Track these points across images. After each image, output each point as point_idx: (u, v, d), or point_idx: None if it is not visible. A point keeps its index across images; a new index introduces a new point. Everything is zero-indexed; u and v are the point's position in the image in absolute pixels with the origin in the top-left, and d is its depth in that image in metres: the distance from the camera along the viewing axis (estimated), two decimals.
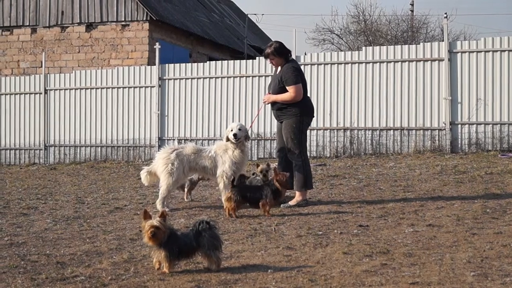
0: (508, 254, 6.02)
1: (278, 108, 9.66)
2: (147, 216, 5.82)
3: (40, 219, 9.34)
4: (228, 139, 9.46)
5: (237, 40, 33.29)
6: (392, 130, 16.37)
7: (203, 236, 5.82)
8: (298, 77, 9.48)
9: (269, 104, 9.96)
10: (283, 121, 9.64)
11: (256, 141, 17.34)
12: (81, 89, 19.65)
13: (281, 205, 9.27)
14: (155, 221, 5.76)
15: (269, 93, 9.82)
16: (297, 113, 9.46)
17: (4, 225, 8.90)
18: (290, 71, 9.49)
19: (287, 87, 9.45)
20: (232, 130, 9.45)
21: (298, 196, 9.47)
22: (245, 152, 9.66)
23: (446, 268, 5.64)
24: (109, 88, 19.33)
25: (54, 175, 16.22)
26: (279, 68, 9.71)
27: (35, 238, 7.86)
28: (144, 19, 24.43)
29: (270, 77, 17.02)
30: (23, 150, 20.33)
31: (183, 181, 10.03)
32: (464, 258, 5.91)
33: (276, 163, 10.15)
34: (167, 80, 18.63)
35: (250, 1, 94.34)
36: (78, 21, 25.23)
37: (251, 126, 12.81)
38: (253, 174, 10.17)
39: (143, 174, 9.89)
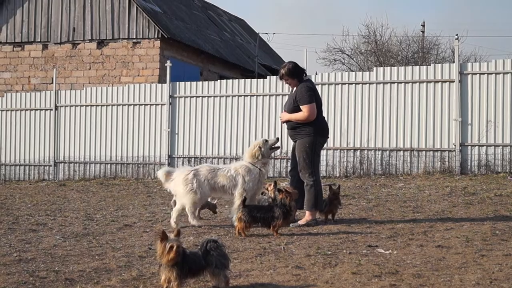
0: None
1: (292, 127, 9.68)
2: (165, 236, 5.80)
3: (49, 235, 9.36)
4: (262, 155, 9.53)
5: (248, 58, 33.38)
6: (402, 151, 16.36)
7: (211, 254, 5.82)
8: (312, 97, 9.49)
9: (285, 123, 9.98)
10: (296, 140, 9.66)
11: None
12: (91, 106, 19.72)
13: (291, 225, 9.26)
14: (176, 241, 5.75)
15: (285, 111, 9.84)
16: (310, 132, 9.47)
17: (13, 241, 8.92)
18: (304, 90, 9.51)
19: (300, 107, 9.46)
20: (266, 141, 9.68)
21: (308, 216, 9.46)
22: (268, 170, 9.92)
23: None
24: (119, 105, 19.40)
25: (63, 192, 16.25)
26: (295, 88, 9.73)
27: (44, 254, 7.87)
28: (156, 36, 24.52)
29: (280, 96, 17.22)
30: (32, 166, 20.38)
31: (206, 199, 10.02)
32: (473, 280, 5.90)
33: (285, 183, 10.18)
34: (177, 98, 18.68)
35: (261, 20, 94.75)
36: (90, 38, 25.35)
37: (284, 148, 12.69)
38: (262, 193, 10.19)
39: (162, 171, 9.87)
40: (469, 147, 15.83)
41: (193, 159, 18.24)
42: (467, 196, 11.99)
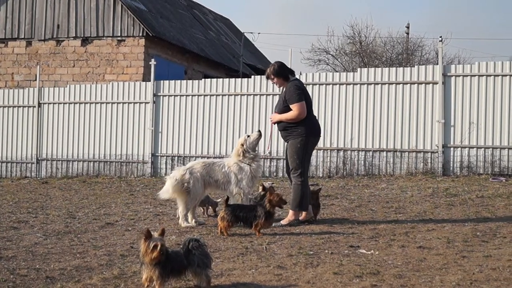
0: (497, 277, 6.04)
1: (284, 128, 9.64)
2: (149, 235, 5.79)
3: (31, 233, 9.32)
4: (245, 151, 9.65)
5: (233, 58, 33.38)
6: (385, 152, 16.41)
7: (193, 254, 5.82)
8: (301, 95, 9.46)
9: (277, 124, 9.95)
10: (289, 141, 9.64)
11: None
12: (75, 103, 19.64)
13: (273, 224, 9.28)
14: (160, 240, 5.74)
15: (276, 113, 9.82)
16: (302, 133, 9.44)
17: None
18: (292, 89, 9.50)
19: (290, 106, 9.45)
20: (248, 137, 9.83)
21: (290, 216, 9.46)
22: (260, 164, 9.98)
23: None
24: (103, 103, 19.33)
25: (45, 189, 16.18)
26: (285, 88, 9.73)
27: (25, 252, 7.83)
28: (140, 34, 24.46)
29: (265, 95, 17.26)
30: (15, 163, 20.27)
31: (202, 197, 10.03)
32: (453, 281, 5.93)
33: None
34: (161, 97, 18.64)
35: (246, 19, 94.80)
36: (74, 35, 25.25)
37: (269, 148, 12.63)
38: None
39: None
40: (452, 148, 15.90)
41: (176, 158, 18.21)
42: (449, 198, 12.04)
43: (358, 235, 8.50)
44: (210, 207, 10.67)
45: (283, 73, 9.70)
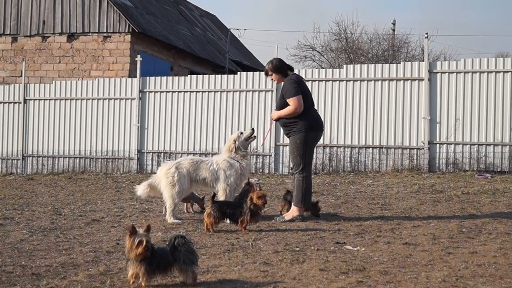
0: (483, 273, 6.07)
1: (284, 125, 9.64)
2: (134, 231, 5.78)
3: (16, 230, 9.28)
4: (237, 148, 9.68)
5: (219, 54, 33.34)
6: (371, 148, 16.45)
7: (179, 250, 5.81)
8: (298, 89, 9.42)
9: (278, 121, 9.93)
10: (290, 137, 9.64)
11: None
12: (61, 99, 19.56)
13: (277, 218, 9.34)
14: (145, 236, 5.74)
15: (275, 109, 9.82)
16: (302, 129, 9.42)
17: None
18: (288, 84, 9.51)
19: (287, 101, 9.45)
20: (242, 134, 9.86)
21: (294, 211, 9.44)
22: (249, 163, 10.03)
23: (421, 287, 5.67)
24: (89, 99, 19.27)
25: (31, 186, 16.11)
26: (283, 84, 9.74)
27: (11, 248, 7.80)
28: (126, 31, 24.39)
29: (251, 92, 17.31)
30: (0, 160, 20.17)
31: (187, 193, 10.03)
32: (439, 277, 5.95)
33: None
34: (147, 93, 18.60)
35: (233, 15, 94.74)
36: (60, 31, 25.15)
37: (262, 144, 12.65)
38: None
39: (143, 186, 9.89)
40: (438, 145, 15.96)
41: (162, 154, 18.19)
42: (434, 194, 12.08)
43: (344, 231, 8.52)
44: (196, 203, 10.68)
45: (281, 69, 9.73)
